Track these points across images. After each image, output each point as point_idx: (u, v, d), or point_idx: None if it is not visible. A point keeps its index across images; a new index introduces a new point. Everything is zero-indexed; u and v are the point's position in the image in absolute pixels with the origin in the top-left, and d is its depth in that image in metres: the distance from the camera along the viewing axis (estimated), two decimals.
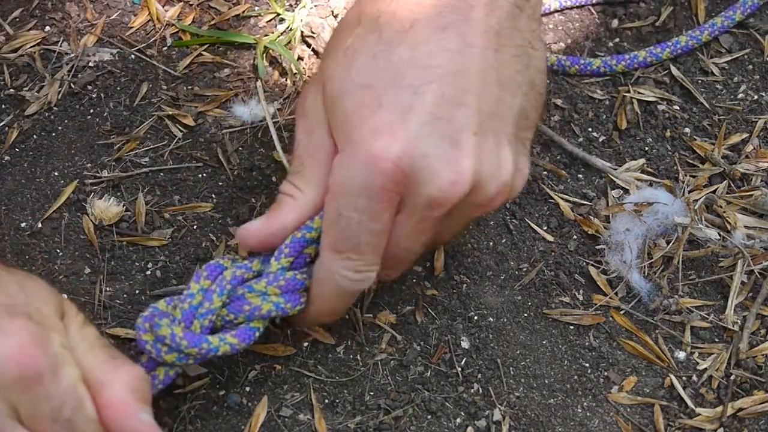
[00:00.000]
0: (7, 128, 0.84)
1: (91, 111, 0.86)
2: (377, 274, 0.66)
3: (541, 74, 0.67)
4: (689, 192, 0.83)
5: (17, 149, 0.84)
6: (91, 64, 0.88)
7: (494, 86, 0.62)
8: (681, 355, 0.76)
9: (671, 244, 0.79)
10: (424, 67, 0.61)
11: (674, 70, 0.91)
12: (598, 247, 0.80)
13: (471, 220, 0.74)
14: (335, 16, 0.92)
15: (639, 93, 0.89)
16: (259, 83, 0.87)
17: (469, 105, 0.61)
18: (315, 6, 0.93)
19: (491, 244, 0.80)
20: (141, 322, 0.65)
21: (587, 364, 0.75)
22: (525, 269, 0.79)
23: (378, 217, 0.62)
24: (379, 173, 0.60)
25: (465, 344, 0.75)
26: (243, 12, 0.93)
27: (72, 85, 0.87)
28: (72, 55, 0.89)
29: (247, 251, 0.72)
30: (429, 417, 0.72)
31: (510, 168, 0.64)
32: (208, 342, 0.65)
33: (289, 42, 0.90)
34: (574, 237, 0.81)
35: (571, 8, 0.96)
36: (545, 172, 0.85)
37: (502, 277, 0.79)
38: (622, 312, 0.77)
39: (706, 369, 0.75)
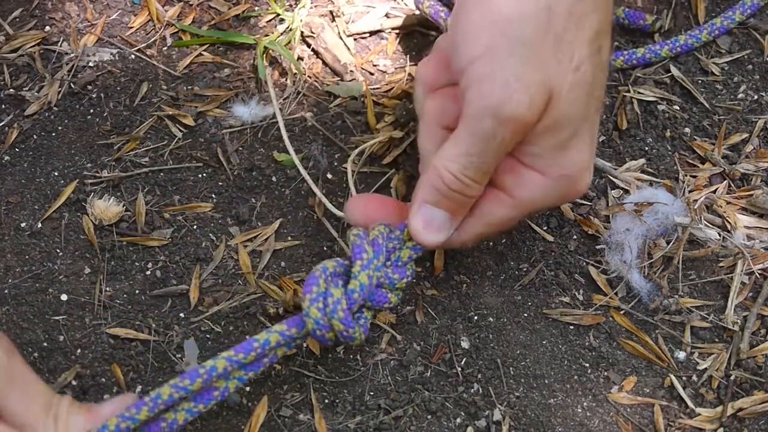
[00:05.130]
0: (7, 128, 0.84)
1: (91, 111, 0.86)
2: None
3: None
4: (689, 192, 0.83)
5: (17, 149, 0.84)
6: (91, 64, 0.89)
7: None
8: (681, 355, 0.76)
9: (671, 244, 0.79)
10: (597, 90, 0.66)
11: (674, 70, 0.91)
12: (598, 247, 0.80)
13: None
14: (334, 17, 0.92)
15: (639, 93, 0.89)
16: (269, 80, 0.87)
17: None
18: (315, 6, 0.93)
19: (491, 244, 0.80)
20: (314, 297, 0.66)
21: (587, 364, 0.75)
22: (525, 269, 0.79)
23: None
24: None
25: (465, 344, 0.75)
26: (243, 12, 0.93)
27: (72, 85, 0.87)
28: (72, 55, 0.89)
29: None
30: (429, 417, 0.72)
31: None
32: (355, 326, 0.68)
33: (289, 42, 0.90)
34: (574, 237, 0.81)
35: None
36: None
37: (502, 277, 0.79)
38: (622, 312, 0.77)
39: (706, 369, 0.75)
